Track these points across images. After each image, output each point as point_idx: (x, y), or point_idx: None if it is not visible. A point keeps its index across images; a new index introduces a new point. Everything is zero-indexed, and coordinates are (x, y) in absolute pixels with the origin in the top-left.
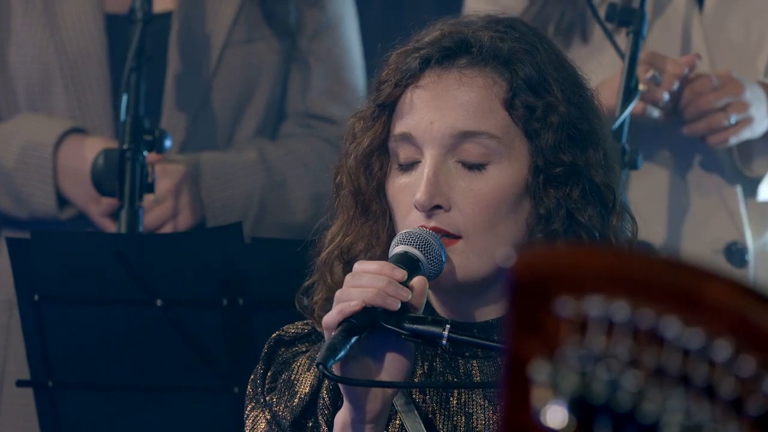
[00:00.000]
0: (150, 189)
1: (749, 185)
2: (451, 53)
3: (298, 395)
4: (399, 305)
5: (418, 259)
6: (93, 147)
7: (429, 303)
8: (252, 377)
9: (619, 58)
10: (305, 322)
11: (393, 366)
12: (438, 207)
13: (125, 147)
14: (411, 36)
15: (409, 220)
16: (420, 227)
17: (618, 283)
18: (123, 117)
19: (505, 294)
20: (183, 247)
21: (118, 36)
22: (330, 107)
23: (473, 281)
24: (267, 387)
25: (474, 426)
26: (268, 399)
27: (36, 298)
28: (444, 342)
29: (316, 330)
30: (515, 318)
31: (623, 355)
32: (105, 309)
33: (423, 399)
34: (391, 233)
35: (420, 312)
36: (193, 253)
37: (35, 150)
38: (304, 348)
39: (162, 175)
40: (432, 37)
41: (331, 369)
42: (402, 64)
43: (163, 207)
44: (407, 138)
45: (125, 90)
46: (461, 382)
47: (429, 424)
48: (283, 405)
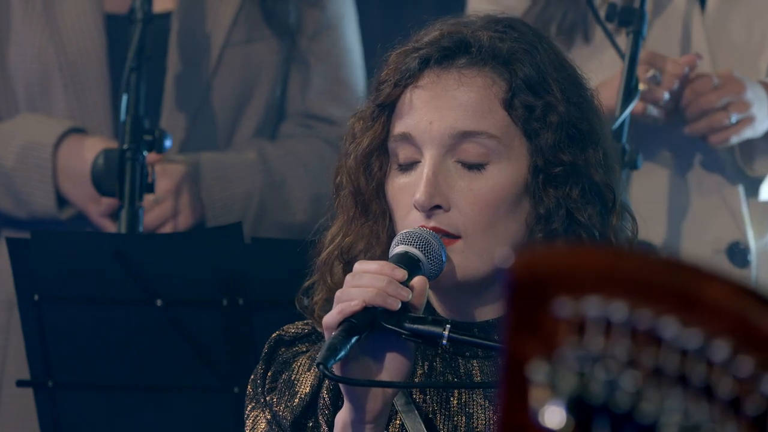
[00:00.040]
0: (150, 189)
1: (751, 185)
2: (451, 53)
3: (298, 395)
4: (399, 305)
5: (418, 259)
6: (93, 147)
7: (429, 303)
8: (252, 377)
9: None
10: (305, 322)
11: (393, 366)
12: (437, 207)
13: (125, 147)
14: (410, 36)
15: (409, 220)
16: (420, 227)
17: (616, 284)
18: (123, 117)
19: (504, 294)
20: (183, 247)
21: (117, 36)
22: (330, 107)
23: (473, 281)
24: (267, 387)
25: (474, 426)
26: (268, 399)
27: (36, 298)
28: (444, 342)
29: (316, 330)
30: (513, 318)
31: (621, 356)
32: (105, 309)
33: (423, 399)
34: (391, 233)
35: (420, 312)
36: (193, 253)
37: (35, 150)
38: (304, 348)
39: (162, 175)
40: (431, 37)
41: (332, 369)
42: (401, 64)
43: (163, 207)
44: (407, 138)
45: (125, 90)
46: (461, 382)
47: (429, 424)
48: (284, 405)
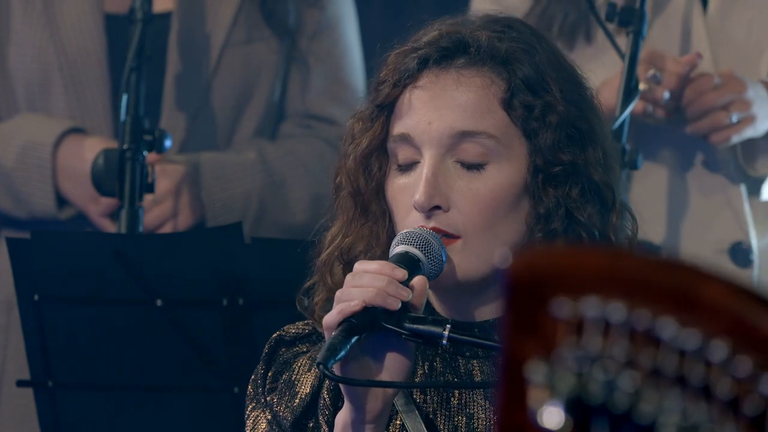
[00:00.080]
0: (150, 189)
1: (753, 185)
2: (449, 53)
3: (298, 395)
4: (399, 305)
5: (418, 259)
6: (92, 147)
7: (429, 303)
8: (253, 377)
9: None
10: (306, 322)
11: (393, 366)
12: (437, 207)
13: (125, 147)
14: (409, 36)
15: (409, 220)
16: (420, 227)
17: (614, 284)
18: (123, 117)
19: (502, 294)
20: (183, 247)
21: (117, 36)
22: (329, 107)
23: (473, 281)
24: (268, 387)
25: (475, 426)
26: (268, 399)
27: (36, 298)
28: (444, 342)
29: (316, 330)
30: (512, 319)
31: (620, 356)
32: (105, 309)
33: (424, 399)
34: (391, 234)
35: (420, 312)
36: (193, 253)
37: (34, 150)
38: (304, 348)
39: (161, 176)
40: (430, 38)
41: (332, 369)
42: (400, 64)
43: (163, 207)
44: (406, 139)
45: (125, 90)
46: (462, 382)
47: (430, 424)
48: (284, 405)
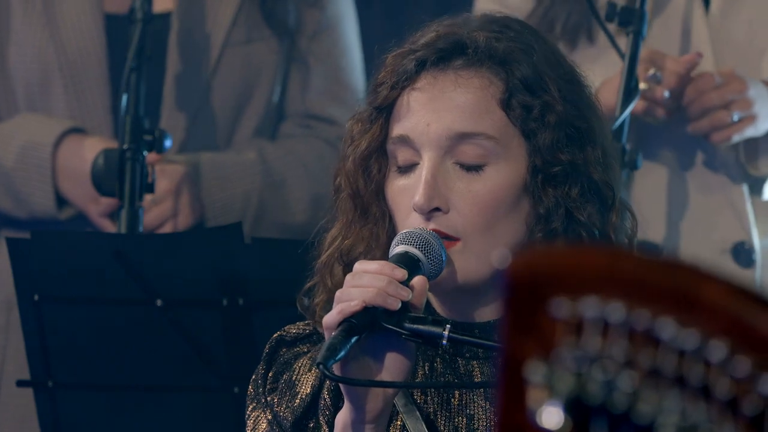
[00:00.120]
0: (150, 189)
1: (754, 184)
2: (447, 54)
3: (299, 396)
4: (399, 305)
5: (418, 259)
6: (92, 147)
7: (429, 303)
8: (253, 377)
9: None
10: (307, 322)
11: (394, 366)
12: (437, 209)
13: (125, 147)
14: (407, 37)
15: (409, 222)
16: (420, 227)
17: (614, 284)
18: (123, 117)
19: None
20: (183, 247)
21: (117, 36)
22: (329, 108)
23: (473, 283)
24: (268, 387)
25: (475, 427)
26: (269, 399)
27: (36, 298)
28: (444, 342)
29: (317, 331)
30: (511, 319)
31: (619, 356)
32: (105, 309)
33: (424, 400)
34: (391, 235)
35: (420, 312)
36: (193, 253)
37: (34, 150)
38: (305, 348)
39: (161, 176)
40: (427, 39)
41: (332, 369)
42: (398, 66)
43: (163, 207)
44: (405, 140)
45: (125, 90)
46: (462, 382)
47: (431, 424)
48: (285, 405)
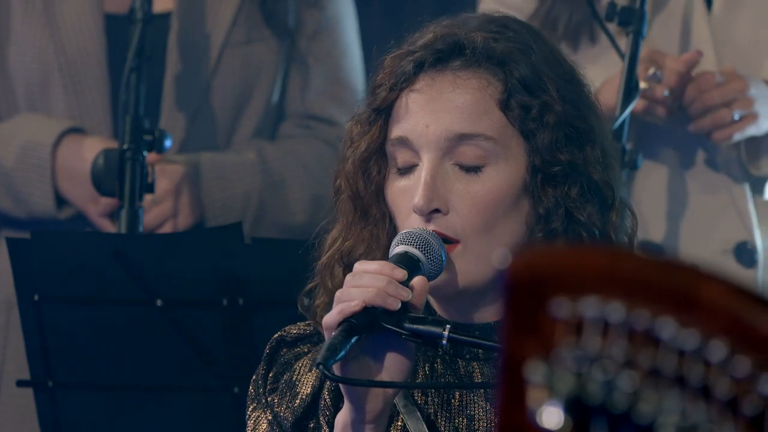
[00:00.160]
0: (150, 189)
1: (756, 183)
2: (445, 55)
3: (299, 396)
4: (399, 305)
5: (418, 259)
6: (92, 147)
7: (429, 304)
8: (254, 378)
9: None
10: (307, 323)
11: (394, 366)
12: (436, 211)
13: (125, 147)
14: (406, 38)
15: (409, 223)
16: (420, 228)
17: (613, 284)
18: (123, 117)
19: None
20: (183, 247)
21: (117, 36)
22: (329, 108)
23: (474, 286)
24: (269, 387)
25: (476, 428)
26: (269, 399)
27: (36, 298)
28: (444, 342)
29: (318, 331)
30: (511, 319)
31: (619, 356)
32: (105, 309)
33: (425, 400)
34: (392, 236)
35: (420, 312)
36: (193, 253)
37: (34, 150)
38: (306, 349)
39: (161, 176)
40: (425, 40)
41: (332, 369)
42: (396, 67)
43: (163, 207)
44: (404, 142)
45: (125, 90)
46: (462, 382)
47: (431, 425)
48: (285, 406)
